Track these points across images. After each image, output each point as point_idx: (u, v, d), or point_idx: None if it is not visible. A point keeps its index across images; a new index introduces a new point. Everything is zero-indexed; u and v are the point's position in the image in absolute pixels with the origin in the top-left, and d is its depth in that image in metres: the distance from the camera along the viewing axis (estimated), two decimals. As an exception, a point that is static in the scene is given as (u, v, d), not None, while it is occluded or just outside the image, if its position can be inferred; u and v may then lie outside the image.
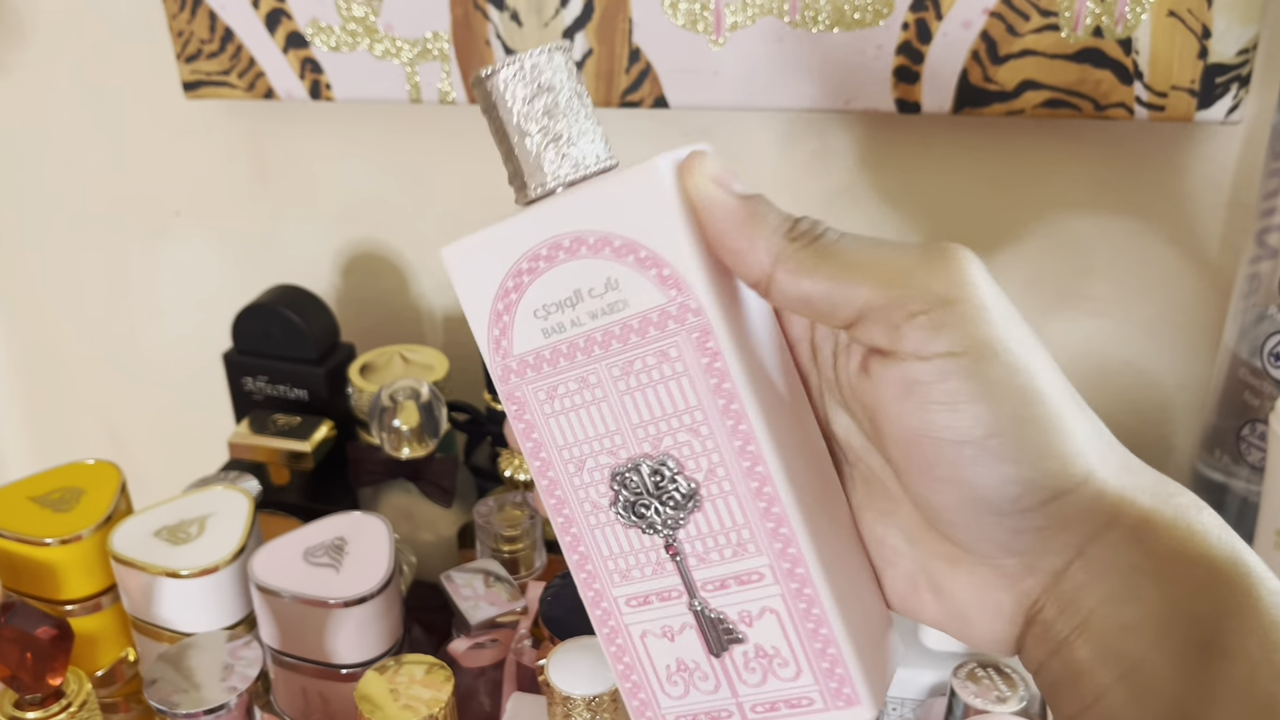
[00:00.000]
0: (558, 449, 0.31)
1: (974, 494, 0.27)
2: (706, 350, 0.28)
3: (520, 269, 0.29)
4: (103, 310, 0.86)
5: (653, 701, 0.32)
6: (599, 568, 0.32)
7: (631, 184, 0.28)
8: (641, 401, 0.29)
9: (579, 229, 0.28)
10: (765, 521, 0.29)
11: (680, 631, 0.31)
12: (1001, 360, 0.26)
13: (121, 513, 0.55)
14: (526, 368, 0.30)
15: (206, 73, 0.69)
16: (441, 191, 0.74)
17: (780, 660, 0.30)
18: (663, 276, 0.28)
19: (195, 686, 0.45)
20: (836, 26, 0.59)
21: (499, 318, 0.30)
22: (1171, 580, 0.26)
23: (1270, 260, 0.54)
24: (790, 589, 0.29)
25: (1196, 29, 0.55)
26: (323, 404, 0.68)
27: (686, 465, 0.29)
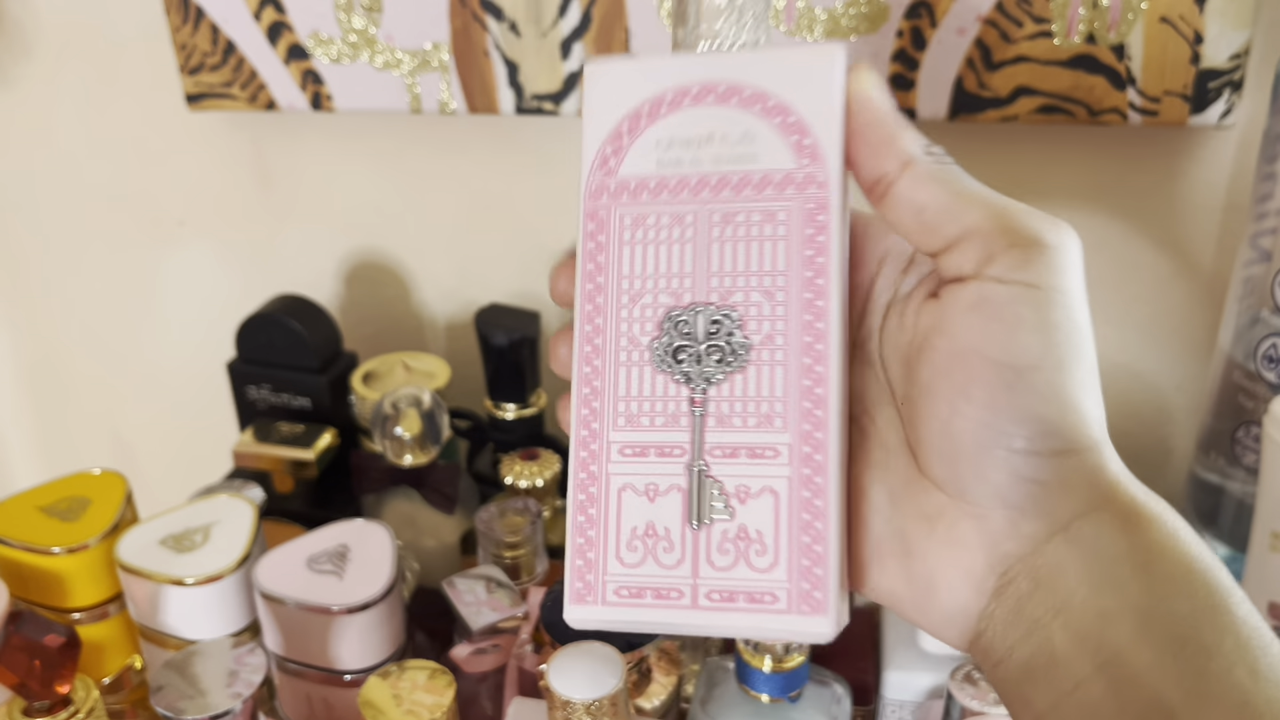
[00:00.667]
0: (619, 277, 0.30)
1: (996, 422, 0.27)
2: (815, 223, 0.29)
3: (663, 99, 0.30)
4: (107, 320, 0.86)
5: (600, 563, 0.30)
6: (607, 406, 0.30)
7: (805, 54, 0.29)
8: (730, 252, 0.29)
9: (739, 78, 0.29)
10: (804, 400, 0.29)
11: (665, 493, 0.30)
12: (1068, 310, 0.28)
13: (127, 521, 0.56)
14: (624, 190, 0.30)
15: (209, 85, 0.70)
16: (442, 201, 0.74)
17: (760, 547, 0.29)
18: (802, 144, 0.29)
19: (201, 693, 0.46)
20: (832, 35, 0.59)
21: (619, 138, 0.30)
22: (1154, 574, 0.26)
23: (1264, 263, 0.54)
24: (802, 474, 0.29)
25: (1188, 35, 0.55)
26: (326, 412, 0.68)
27: (749, 324, 0.29)
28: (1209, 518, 0.59)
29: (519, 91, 0.65)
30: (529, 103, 0.65)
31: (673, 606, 0.29)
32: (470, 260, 0.76)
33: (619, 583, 0.30)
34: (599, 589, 0.30)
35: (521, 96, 0.65)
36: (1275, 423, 0.50)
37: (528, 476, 0.60)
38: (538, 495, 0.60)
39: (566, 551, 0.30)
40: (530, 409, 0.67)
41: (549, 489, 0.61)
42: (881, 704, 0.53)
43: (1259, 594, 0.52)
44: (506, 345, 0.65)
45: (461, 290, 0.77)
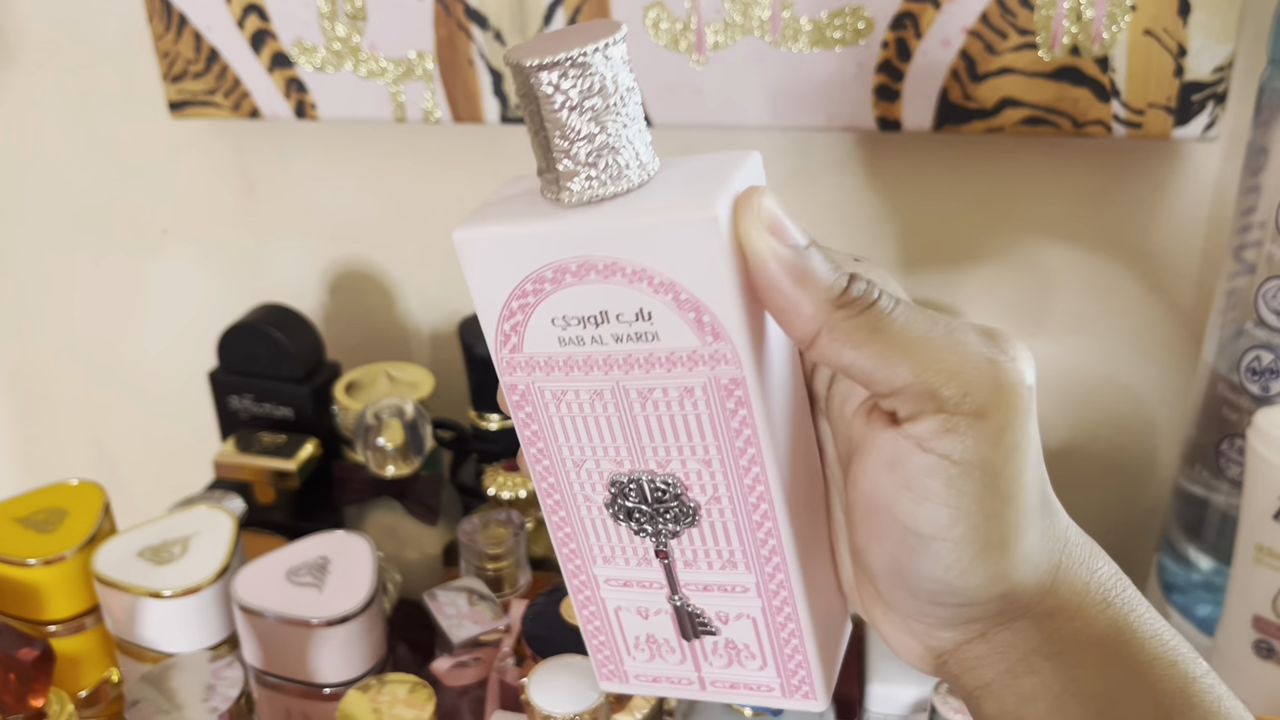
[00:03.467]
0: (559, 445, 0.30)
1: (899, 571, 0.28)
2: (733, 397, 0.28)
3: (544, 277, 0.27)
4: (89, 329, 0.86)
5: (616, 658, 0.33)
6: (583, 547, 0.32)
7: (682, 225, 0.26)
8: (655, 426, 0.29)
9: (617, 256, 0.26)
10: (760, 549, 0.30)
11: (655, 614, 0.32)
12: (990, 482, 0.27)
13: (105, 533, 0.55)
14: (536, 366, 0.29)
15: (192, 93, 0.70)
16: (426, 210, 0.74)
17: (749, 654, 0.32)
18: (701, 321, 0.27)
19: (177, 707, 0.45)
20: (817, 46, 0.59)
21: (511, 315, 0.28)
22: (1067, 662, 0.28)
23: (1248, 276, 0.54)
24: (772, 605, 0.31)
25: (1172, 47, 0.55)
26: (308, 422, 0.68)
27: (691, 488, 0.29)
28: (1193, 530, 0.59)
29: (504, 101, 0.65)
30: (514, 112, 0.65)
31: (686, 691, 0.33)
32: (454, 270, 0.75)
33: (637, 671, 0.33)
34: (622, 675, 0.34)
35: (507, 105, 0.65)
36: (1259, 435, 0.50)
37: (511, 488, 0.60)
38: (521, 507, 0.60)
39: (585, 639, 0.34)
40: (514, 419, 0.67)
41: (532, 500, 0.60)
42: (865, 717, 0.53)
43: (1243, 607, 0.52)
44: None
45: (446, 300, 0.77)
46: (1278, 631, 0.51)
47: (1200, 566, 0.59)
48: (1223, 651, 0.53)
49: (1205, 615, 0.59)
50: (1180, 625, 0.59)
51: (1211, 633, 0.57)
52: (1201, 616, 0.59)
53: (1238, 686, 0.53)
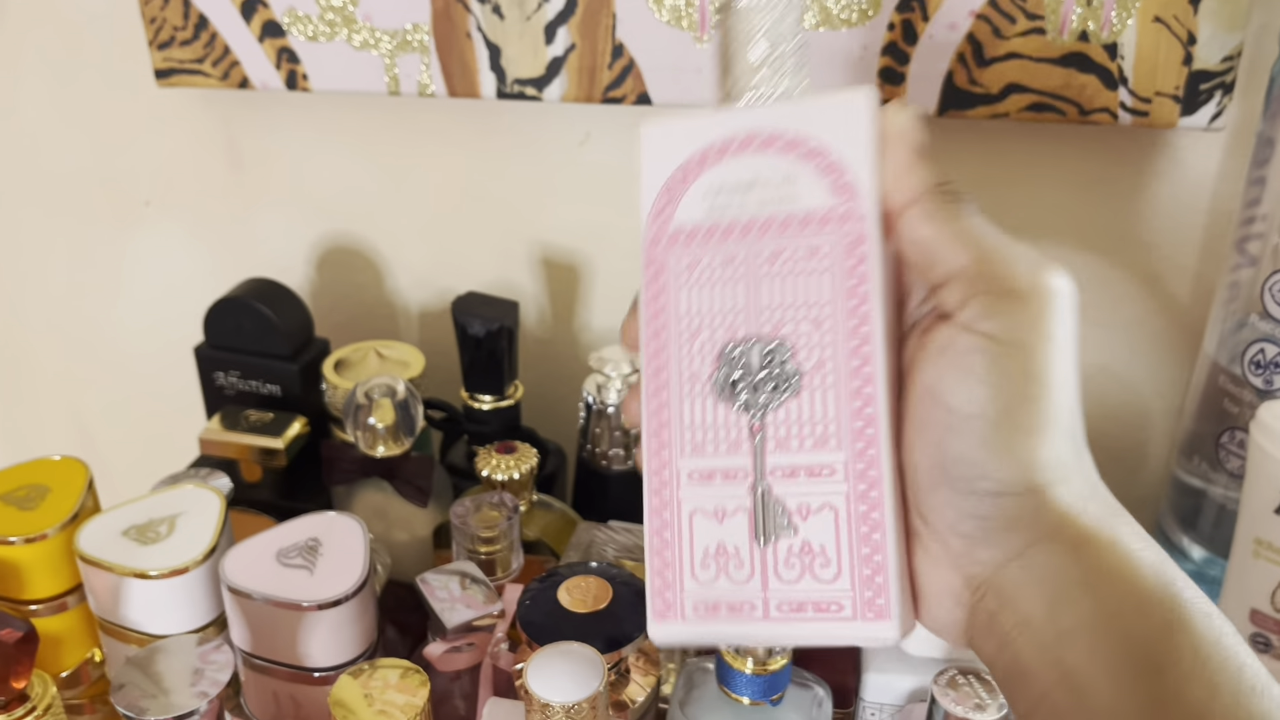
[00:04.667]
0: (679, 316, 0.33)
1: (940, 461, 0.30)
2: (855, 254, 0.31)
3: (711, 149, 0.32)
4: (70, 302, 0.84)
5: (676, 583, 0.32)
6: (674, 436, 0.32)
7: (838, 99, 0.31)
8: (778, 287, 0.31)
9: (779, 126, 0.31)
10: (855, 421, 0.30)
11: (732, 514, 0.32)
12: (1024, 362, 0.29)
13: (88, 511, 0.54)
14: (680, 237, 0.33)
15: (179, 60, 0.68)
16: (419, 185, 0.73)
17: (824, 559, 0.31)
18: (839, 183, 0.31)
19: (164, 691, 0.44)
20: (823, 26, 0.58)
21: (672, 188, 0.33)
22: (1105, 596, 0.28)
23: (1251, 268, 0.54)
24: (858, 490, 0.30)
25: (1182, 35, 0.55)
26: (296, 400, 0.67)
27: (799, 352, 0.31)
28: (1189, 521, 0.59)
29: (501, 75, 0.63)
30: (511, 87, 0.64)
31: (746, 619, 0.31)
32: (446, 247, 0.74)
33: (696, 599, 0.32)
34: (678, 606, 0.32)
35: (504, 81, 0.63)
36: (1262, 429, 0.49)
37: (504, 470, 0.59)
38: (514, 489, 0.59)
39: (646, 572, 0.33)
40: (507, 400, 0.66)
41: (525, 483, 0.59)
42: (861, 707, 0.53)
43: (1240, 600, 0.52)
44: (484, 335, 0.63)
45: (437, 278, 0.75)
46: (1275, 626, 0.51)
47: (1193, 557, 0.59)
48: (1218, 644, 0.53)
49: (1198, 607, 0.59)
50: (1173, 617, 0.59)
51: (1205, 625, 0.57)
52: (1194, 608, 0.59)
53: (1233, 680, 0.53)
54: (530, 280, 0.73)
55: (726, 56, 0.33)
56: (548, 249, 0.72)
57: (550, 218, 0.71)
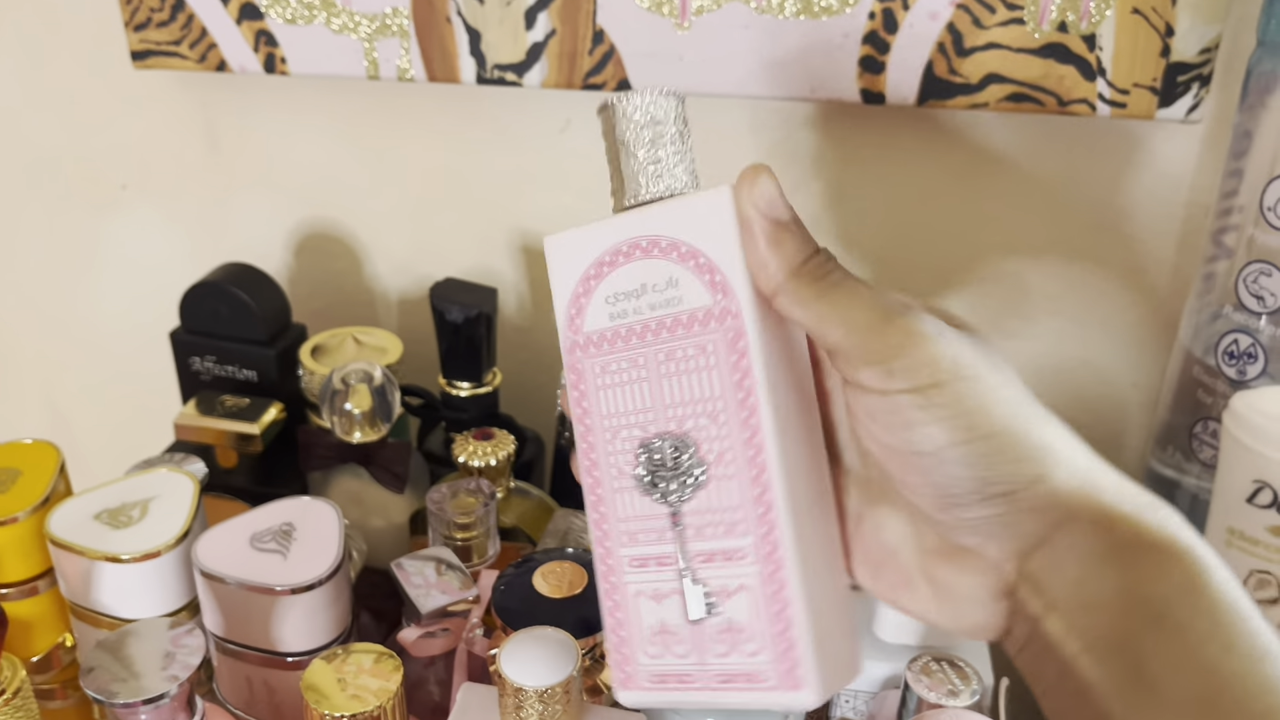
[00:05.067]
0: (601, 417, 0.35)
1: (940, 492, 0.31)
2: (736, 349, 0.33)
3: (604, 260, 0.35)
4: (44, 285, 0.83)
5: (633, 658, 0.35)
6: (612, 528, 0.35)
7: (701, 201, 0.33)
8: (676, 386, 0.34)
9: (656, 233, 0.34)
10: (756, 506, 0.33)
11: (668, 596, 0.34)
12: (949, 392, 0.30)
13: (60, 494, 0.53)
14: (590, 344, 0.35)
15: (156, 42, 0.67)
16: (397, 171, 0.72)
17: (746, 636, 0.33)
18: (714, 281, 0.33)
19: (135, 675, 0.44)
20: (803, 14, 0.58)
21: (578, 299, 0.35)
22: (1128, 565, 0.29)
23: (1227, 260, 0.54)
24: (766, 570, 0.33)
25: (1160, 27, 0.55)
26: (272, 386, 0.66)
27: (702, 445, 0.33)
28: (1163, 512, 0.59)
29: (481, 61, 0.63)
30: (491, 73, 0.63)
31: (691, 689, 0.34)
32: (425, 234, 0.74)
33: (649, 672, 0.35)
34: (636, 677, 0.36)
35: (484, 66, 0.63)
36: (1235, 419, 0.50)
37: (481, 456, 0.58)
38: (491, 475, 0.59)
39: (606, 642, 0.36)
40: (485, 387, 0.66)
41: (502, 469, 0.59)
42: (836, 695, 0.53)
43: (1212, 589, 0.52)
44: (462, 321, 0.63)
45: (415, 264, 0.75)
46: (1246, 614, 0.51)
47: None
48: (1190, 633, 0.54)
49: (1171, 597, 0.59)
50: (1146, 606, 0.60)
51: (1177, 614, 0.58)
52: (1167, 598, 0.59)
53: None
54: (510, 267, 0.73)
55: (611, 157, 0.35)
56: (527, 236, 0.72)
57: (530, 205, 0.71)
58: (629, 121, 0.34)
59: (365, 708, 0.42)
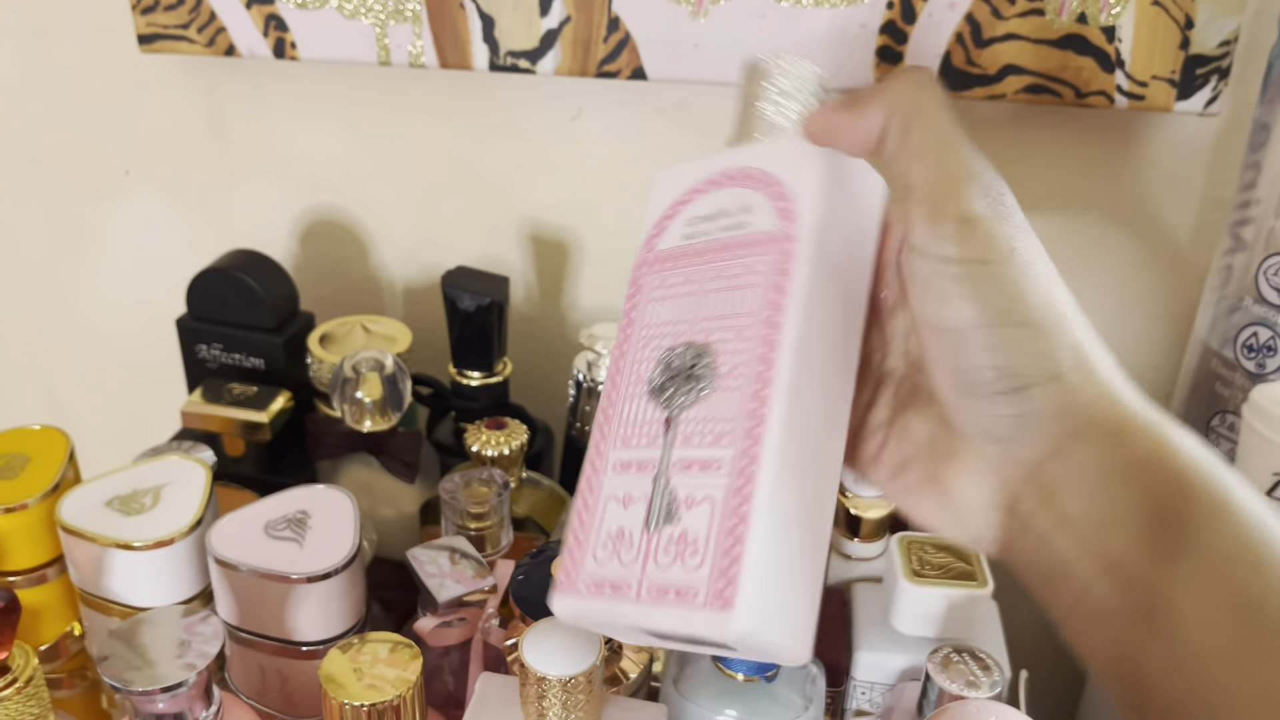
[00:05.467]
0: (642, 327, 0.36)
1: (958, 376, 0.31)
2: (781, 270, 0.33)
3: (696, 188, 0.36)
4: (47, 271, 0.82)
5: (581, 561, 0.34)
6: (613, 429, 0.35)
7: (793, 139, 0.35)
8: (716, 300, 0.34)
9: (747, 165, 0.35)
10: (748, 420, 0.32)
11: (636, 501, 0.34)
12: (992, 273, 0.29)
13: (69, 481, 0.53)
14: (658, 261, 0.36)
15: (164, 26, 0.66)
16: (407, 159, 0.72)
17: (694, 548, 0.32)
18: (785, 209, 0.33)
19: (149, 664, 0.43)
20: (821, 4, 0.58)
21: (663, 221, 0.36)
22: (1147, 482, 0.28)
23: (1244, 253, 0.54)
24: (734, 485, 0.32)
25: (1179, 19, 0.55)
26: (280, 374, 0.66)
27: (720, 357, 0.33)
28: (1177, 505, 0.59)
29: (494, 47, 0.63)
30: (504, 60, 0.63)
31: (622, 598, 0.33)
32: (433, 222, 0.73)
33: (590, 576, 0.34)
34: (576, 581, 0.34)
35: (496, 53, 0.63)
36: (1255, 412, 0.50)
37: (494, 446, 0.58)
38: (503, 465, 0.58)
39: (562, 548, 0.35)
40: (496, 377, 0.65)
41: (515, 459, 0.59)
42: (851, 685, 0.53)
43: (1229, 582, 0.52)
44: (474, 309, 0.63)
45: (422, 253, 0.74)
46: (1263, 607, 0.51)
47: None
48: (1206, 626, 0.53)
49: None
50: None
51: (1191, 608, 0.58)
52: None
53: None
54: (519, 257, 0.73)
55: (743, 109, 0.36)
56: (537, 225, 0.72)
57: (540, 194, 0.71)
58: (761, 78, 0.36)
59: (384, 697, 0.42)
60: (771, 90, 0.36)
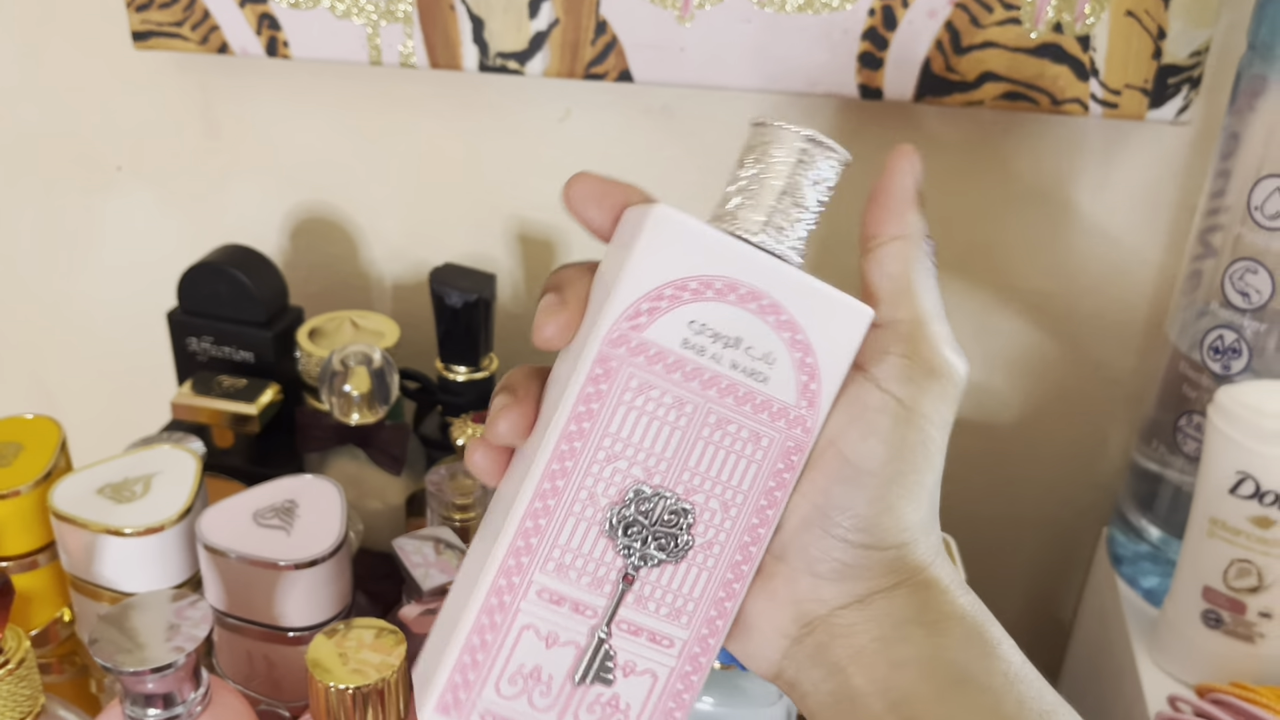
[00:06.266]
0: (605, 432, 0.30)
1: (822, 506, 0.31)
2: (787, 460, 0.31)
3: (714, 283, 0.30)
4: (37, 266, 0.83)
5: (478, 686, 0.31)
6: (543, 547, 0.31)
7: (848, 306, 0.31)
8: (710, 456, 0.31)
9: (784, 301, 0.31)
10: (712, 610, 0.32)
11: (563, 645, 0.31)
12: (922, 433, 0.31)
13: (61, 469, 0.54)
14: (643, 353, 0.30)
15: (158, 23, 0.67)
16: (396, 157, 0.73)
17: (623, 717, 0.32)
18: (807, 387, 0.31)
19: (139, 646, 0.44)
20: (806, 10, 0.59)
21: (658, 299, 0.30)
22: (938, 632, 0.31)
23: (1213, 259, 0.56)
24: (683, 670, 0.32)
25: (1152, 29, 0.56)
26: (269, 367, 0.67)
27: (698, 525, 0.31)
28: (1147, 504, 0.61)
29: (484, 48, 0.64)
30: (493, 61, 0.64)
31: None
32: (421, 220, 0.74)
33: (488, 709, 0.31)
34: (468, 707, 0.31)
35: (486, 54, 0.64)
36: (1219, 412, 0.51)
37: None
38: (488, 459, 0.59)
39: (444, 659, 0.31)
40: (482, 372, 0.66)
41: (500, 453, 0.60)
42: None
43: (1194, 578, 0.53)
44: (461, 306, 0.64)
45: (411, 250, 0.75)
46: (1226, 602, 0.52)
47: (1151, 539, 0.61)
48: (1172, 621, 0.55)
49: (1152, 587, 0.60)
50: (1128, 596, 0.61)
51: (1158, 604, 0.59)
52: (1148, 588, 0.61)
53: (1186, 655, 0.55)
54: (505, 255, 0.74)
55: (752, 165, 0.32)
56: (524, 224, 0.73)
57: (527, 193, 0.72)
58: (794, 158, 0.31)
59: (368, 681, 0.43)
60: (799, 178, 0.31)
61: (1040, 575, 0.75)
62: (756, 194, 0.31)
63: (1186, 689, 0.54)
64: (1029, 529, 0.73)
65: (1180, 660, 0.55)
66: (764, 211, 0.31)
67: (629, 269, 0.30)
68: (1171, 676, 0.55)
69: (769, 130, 0.32)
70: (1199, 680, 0.54)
